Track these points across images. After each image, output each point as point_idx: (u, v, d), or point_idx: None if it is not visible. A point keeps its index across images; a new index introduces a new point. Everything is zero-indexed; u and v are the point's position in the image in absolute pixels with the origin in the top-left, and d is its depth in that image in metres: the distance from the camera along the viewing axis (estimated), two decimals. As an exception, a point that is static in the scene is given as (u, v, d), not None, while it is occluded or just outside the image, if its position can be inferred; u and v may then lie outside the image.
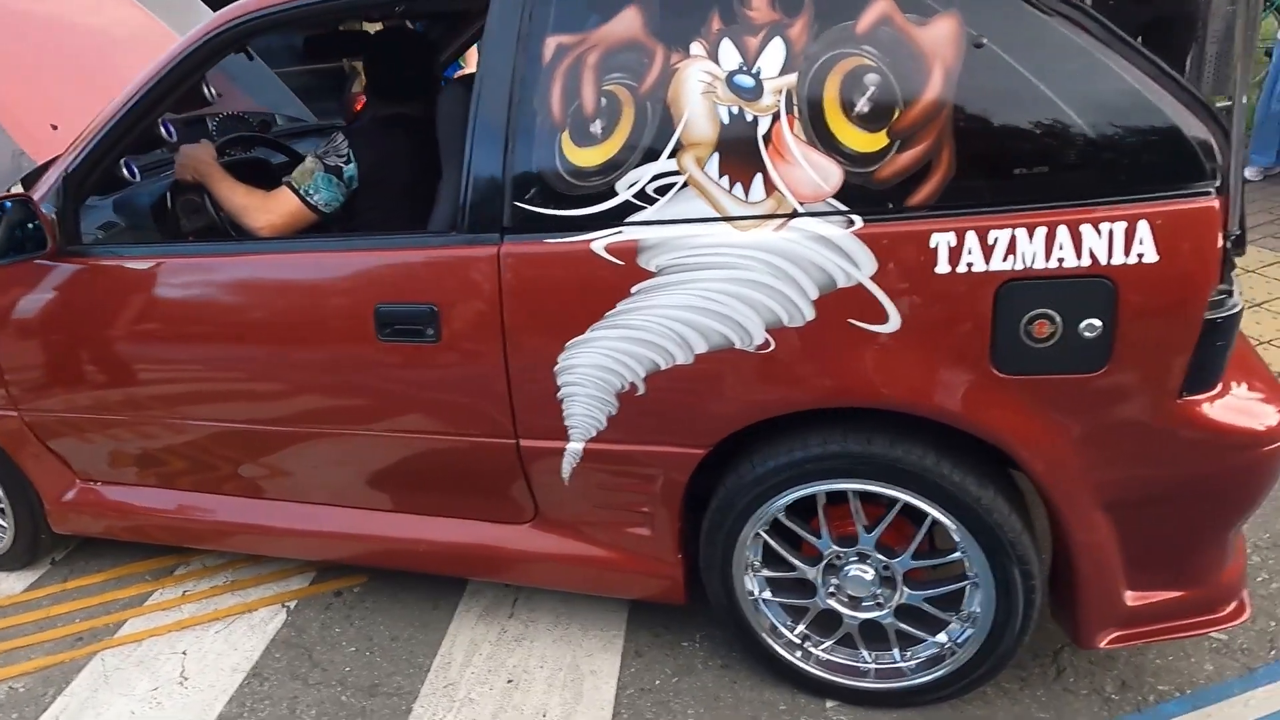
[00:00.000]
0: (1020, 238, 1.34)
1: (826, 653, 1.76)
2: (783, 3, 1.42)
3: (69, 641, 2.17)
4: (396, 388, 1.75)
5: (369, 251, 1.74)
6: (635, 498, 1.71)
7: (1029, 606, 1.56)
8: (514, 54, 1.56)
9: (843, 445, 1.53)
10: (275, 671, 2.00)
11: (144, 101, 1.85)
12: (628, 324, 1.54)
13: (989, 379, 1.40)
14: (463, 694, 1.88)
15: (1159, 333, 1.34)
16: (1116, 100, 1.31)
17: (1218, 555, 1.53)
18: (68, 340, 2.01)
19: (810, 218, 1.42)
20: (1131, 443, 1.42)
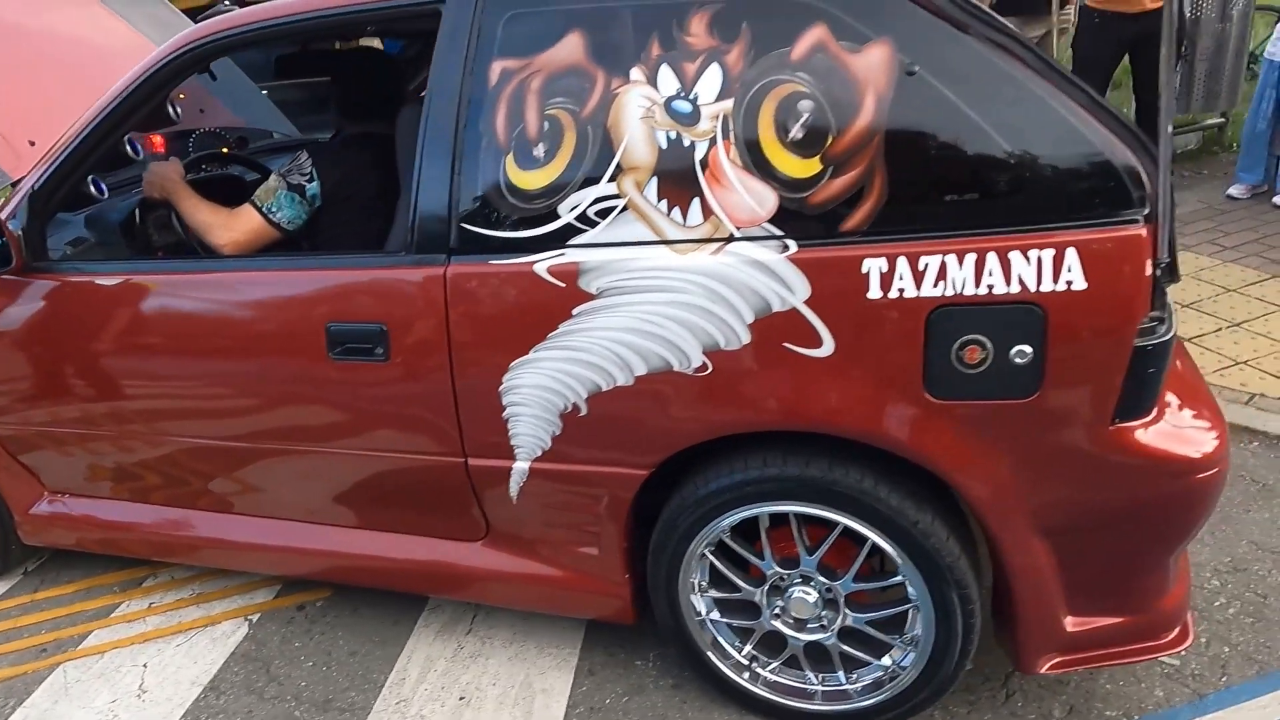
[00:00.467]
0: (950, 264, 1.35)
1: (774, 674, 1.76)
2: (720, 29, 1.44)
3: (34, 652, 2.19)
4: (348, 406, 1.77)
5: (321, 270, 1.76)
6: (582, 517, 1.71)
7: (968, 631, 1.55)
8: (461, 77, 1.59)
9: (781, 468, 1.54)
10: (232, 685, 2.01)
11: (107, 121, 1.88)
12: (569, 345, 1.55)
13: (922, 404, 1.40)
14: (414, 710, 1.89)
15: (1090, 359, 1.35)
16: (1046, 129, 1.32)
17: (1158, 581, 1.53)
18: (33, 355, 2.04)
19: (746, 242, 1.43)
20: (1066, 469, 1.42)
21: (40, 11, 2.78)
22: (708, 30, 1.45)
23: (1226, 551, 2.12)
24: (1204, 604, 1.96)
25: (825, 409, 1.45)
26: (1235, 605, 1.95)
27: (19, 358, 2.05)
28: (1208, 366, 2.90)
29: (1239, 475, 2.40)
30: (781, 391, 1.47)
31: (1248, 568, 2.06)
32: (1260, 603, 1.95)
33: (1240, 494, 2.32)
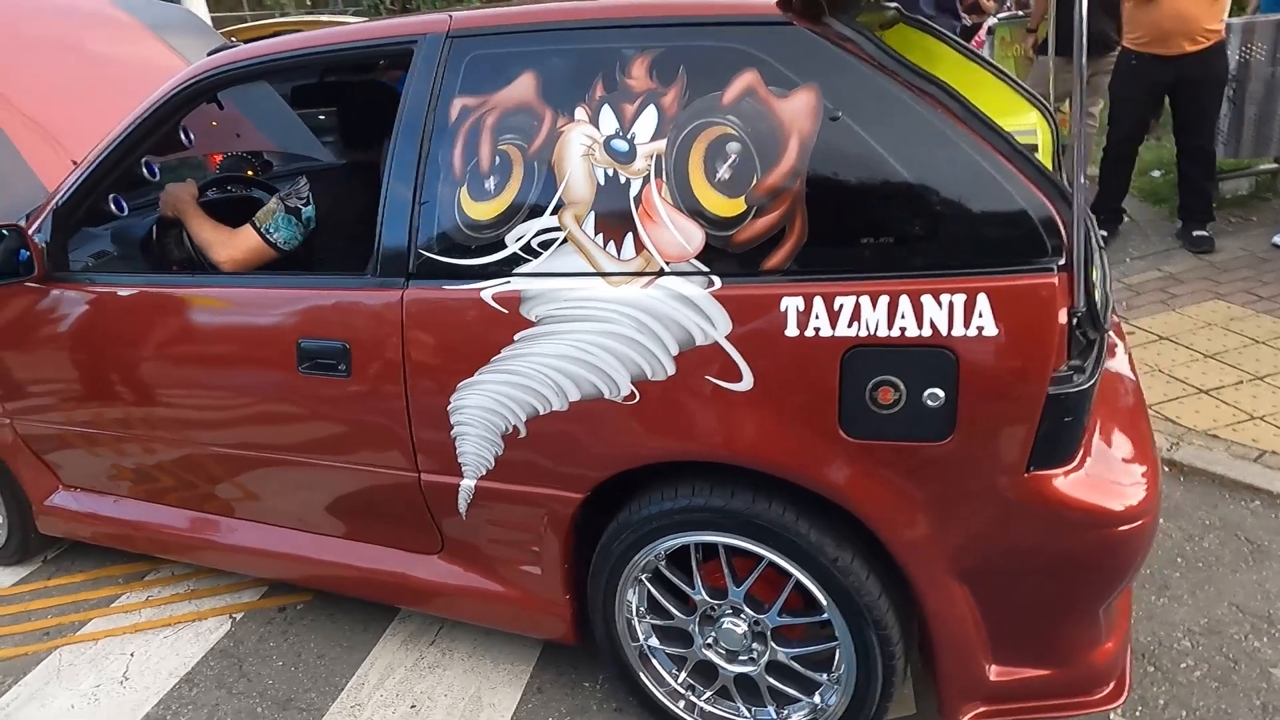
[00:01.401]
0: (865, 305, 1.37)
1: (709, 704, 1.77)
2: (659, 72, 1.50)
3: (37, 635, 2.34)
4: (315, 418, 1.87)
5: (297, 289, 1.86)
6: (525, 536, 1.77)
7: (889, 673, 1.55)
8: (425, 112, 1.68)
9: (708, 499, 1.56)
10: (206, 679, 2.12)
11: (122, 145, 2.04)
12: (510, 369, 1.62)
13: (837, 442, 1.42)
14: (367, 714, 1.96)
15: (1002, 405, 1.34)
16: (962, 176, 1.34)
17: (1087, 633, 1.50)
18: (50, 358, 2.21)
19: (675, 277, 1.48)
20: (982, 514, 1.41)
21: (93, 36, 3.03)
22: (647, 73, 1.51)
23: (1204, 612, 2.04)
24: (1169, 664, 1.90)
25: (744, 442, 1.48)
26: (1203, 669, 1.88)
27: (39, 360, 2.23)
28: (1220, 420, 2.80)
29: (1233, 534, 2.31)
30: (703, 423, 1.50)
31: (1223, 630, 1.98)
32: (1230, 668, 1.88)
33: (1231, 553, 2.24)
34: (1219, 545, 2.27)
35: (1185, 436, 2.75)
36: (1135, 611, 2.06)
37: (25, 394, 2.30)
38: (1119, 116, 4.23)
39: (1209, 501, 2.46)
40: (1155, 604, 2.08)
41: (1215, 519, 2.38)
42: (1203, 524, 2.37)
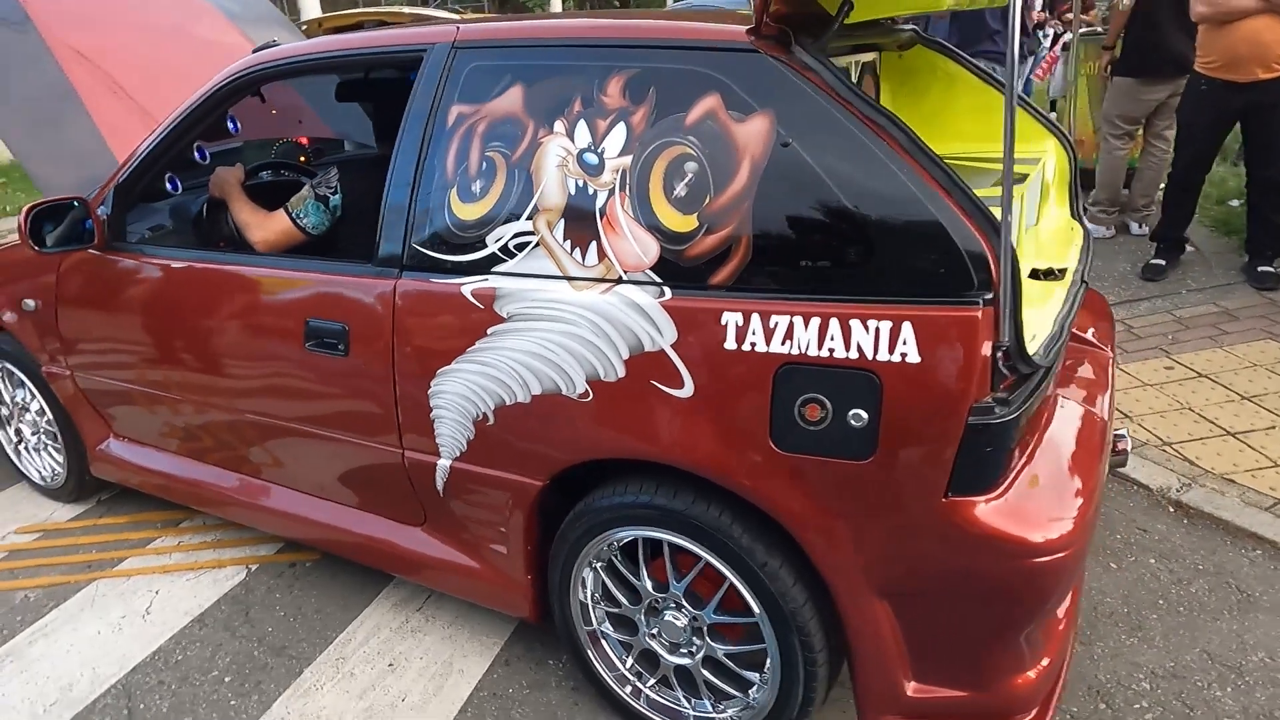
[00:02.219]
0: (797, 325, 1.43)
1: (653, 692, 1.86)
2: (631, 92, 1.59)
3: (80, 567, 2.60)
4: (317, 391, 2.03)
5: (311, 273, 2.03)
6: (493, 516, 1.89)
7: (810, 679, 1.61)
8: (427, 117, 1.82)
9: (652, 497, 1.65)
10: (215, 620, 2.32)
11: (175, 131, 2.25)
12: (483, 360, 1.74)
13: (768, 453, 1.49)
14: (348, 668, 2.12)
15: (922, 431, 1.39)
16: (898, 207, 1.38)
17: (1007, 660, 1.52)
18: (106, 319, 2.45)
19: (631, 285, 1.57)
20: (901, 534, 1.46)
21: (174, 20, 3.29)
22: (621, 92, 1.60)
23: (1173, 656, 2.01)
24: (1122, 704, 1.89)
25: (683, 446, 1.56)
26: (1155, 712, 1.87)
27: (96, 320, 2.47)
28: (1241, 464, 2.72)
29: (1225, 581, 2.26)
30: (647, 425, 1.59)
31: (1187, 676, 1.95)
32: (1184, 714, 1.86)
33: (1217, 601, 2.19)
34: (1207, 592, 2.23)
35: (1200, 479, 2.68)
36: (1100, 648, 2.05)
37: (85, 350, 2.55)
38: (1185, 143, 4.08)
39: (1208, 546, 2.40)
40: (1124, 643, 2.07)
41: (1210, 565, 2.33)
42: (1195, 569, 2.32)
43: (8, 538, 2.79)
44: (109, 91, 2.95)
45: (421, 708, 1.99)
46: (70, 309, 2.52)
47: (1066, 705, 1.90)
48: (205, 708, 2.02)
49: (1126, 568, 2.34)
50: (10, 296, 2.69)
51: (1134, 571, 2.32)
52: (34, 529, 2.83)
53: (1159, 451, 2.85)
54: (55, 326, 2.58)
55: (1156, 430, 2.97)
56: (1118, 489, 2.70)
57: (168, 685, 2.10)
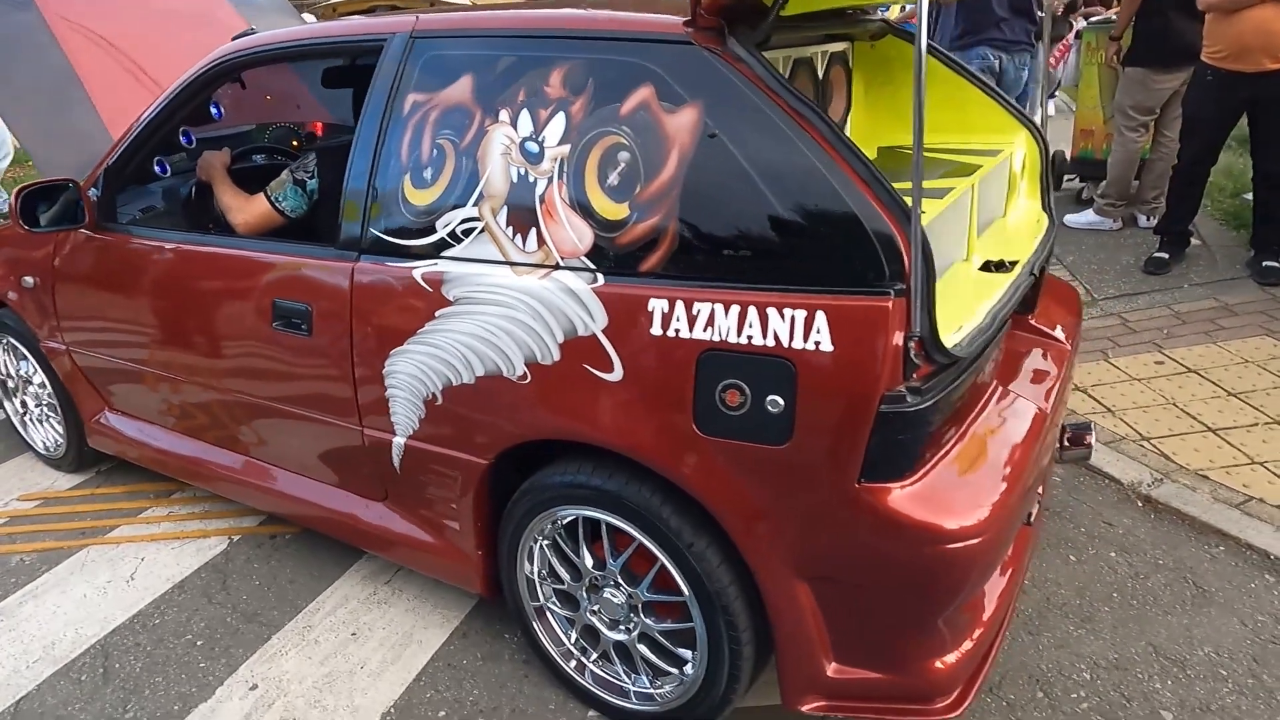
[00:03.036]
0: (718, 312, 1.47)
1: (596, 666, 1.92)
2: (571, 83, 1.63)
3: (75, 533, 2.72)
4: (283, 369, 2.11)
5: (280, 255, 2.10)
6: (445, 493, 1.95)
7: (735, 658, 1.65)
8: (385, 105, 1.87)
9: (589, 477, 1.70)
10: (194, 588, 2.42)
11: (159, 117, 2.33)
12: (431, 342, 1.80)
13: (691, 436, 1.53)
14: (313, 635, 2.21)
15: (835, 418, 1.42)
16: (817, 200, 1.41)
17: (924, 644, 1.56)
18: (96, 297, 2.55)
19: (567, 271, 1.62)
20: (816, 518, 1.49)
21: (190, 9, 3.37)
22: (562, 82, 1.64)
23: (1118, 648, 2.03)
24: (1059, 694, 1.91)
25: (613, 429, 1.61)
26: (1092, 702, 1.88)
27: (88, 298, 2.58)
28: (1218, 461, 2.70)
29: (1183, 576, 2.26)
30: (580, 407, 1.64)
31: (1129, 669, 1.97)
32: (1121, 705, 1.87)
33: (1172, 596, 2.19)
34: (1163, 586, 2.23)
35: (1173, 474, 2.67)
36: (1047, 638, 2.07)
37: (78, 326, 2.66)
38: (1190, 135, 4.01)
39: (1171, 542, 2.40)
40: (1071, 634, 2.08)
41: (1171, 560, 2.32)
42: (1155, 563, 2.32)
43: (10, 504, 2.92)
44: (111, 75, 3.04)
45: (379, 675, 2.06)
46: (64, 287, 2.63)
47: (1004, 692, 1.92)
48: (176, 669, 2.12)
49: (1086, 560, 2.35)
50: (12, 274, 2.81)
51: (1093, 564, 2.33)
52: (35, 496, 2.96)
53: (1136, 446, 2.84)
54: (52, 303, 2.69)
55: (1137, 425, 2.96)
56: (1089, 483, 2.70)
57: (143, 647, 2.20)
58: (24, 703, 2.04)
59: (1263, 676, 1.92)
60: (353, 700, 1.99)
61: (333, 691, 2.02)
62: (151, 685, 2.07)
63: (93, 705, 2.02)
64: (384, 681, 2.04)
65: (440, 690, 2.01)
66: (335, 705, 1.98)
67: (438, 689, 2.02)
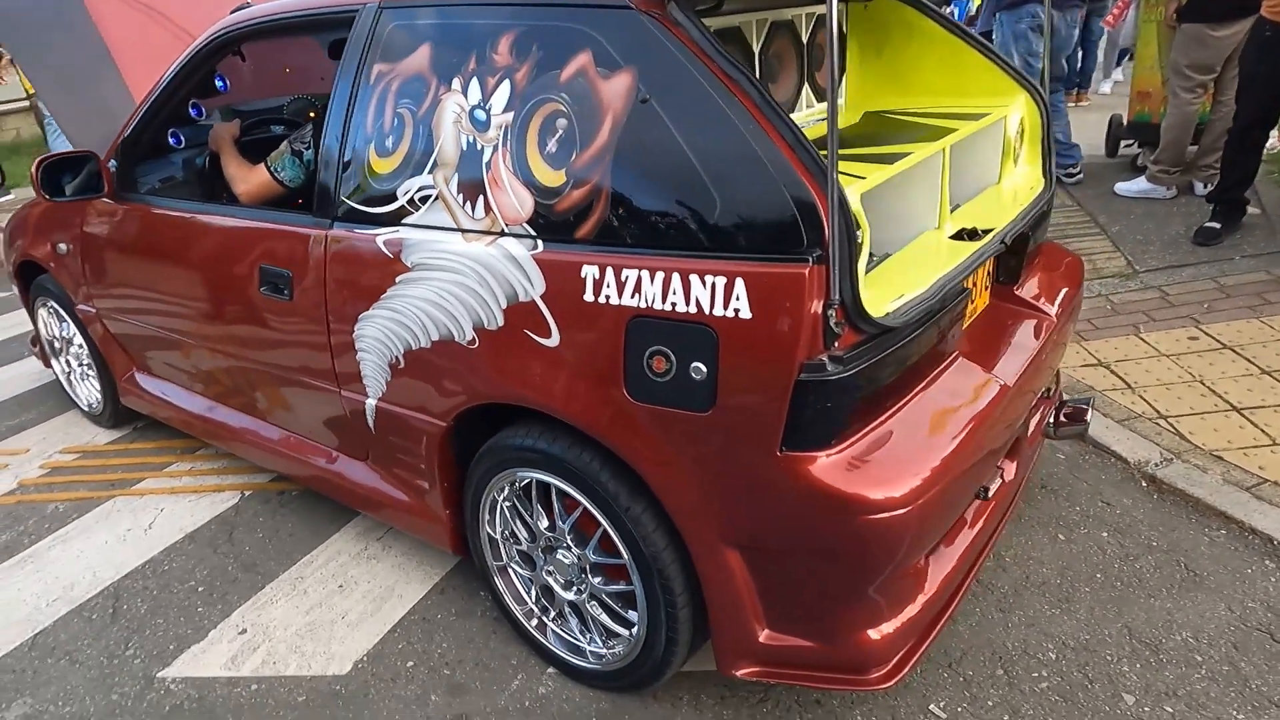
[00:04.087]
0: (645, 279, 1.47)
1: (555, 625, 1.97)
2: (517, 50, 1.64)
3: (105, 485, 2.91)
4: (269, 333, 2.21)
5: (266, 223, 2.18)
6: (414, 454, 2.02)
7: (671, 621, 1.67)
8: (355, 75, 1.92)
9: (535, 440, 1.74)
10: (202, 538, 2.57)
11: (166, 90, 2.44)
12: (393, 307, 1.85)
13: (622, 402, 1.54)
14: (303, 586, 2.32)
15: (755, 385, 1.41)
16: (740, 165, 1.39)
17: (855, 614, 1.55)
18: (118, 263, 2.70)
19: (510, 238, 1.64)
20: (742, 485, 1.49)
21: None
22: (509, 50, 1.65)
23: (1091, 629, 1.97)
24: (1021, 672, 1.87)
25: (551, 393, 1.64)
26: (1053, 681, 1.84)
27: (108, 263, 2.73)
28: (1236, 441, 2.57)
29: (1176, 559, 2.17)
30: (521, 372, 1.67)
31: (1098, 650, 1.91)
32: (1081, 687, 1.83)
33: (1160, 579, 2.11)
34: (1152, 569, 2.15)
35: (1185, 454, 2.55)
36: (1018, 616, 2.03)
37: (103, 290, 2.82)
38: (1246, 95, 3.76)
39: (1170, 524, 2.30)
40: (1045, 613, 2.03)
41: (1165, 542, 2.24)
42: (1148, 545, 2.23)
43: (53, 456, 3.14)
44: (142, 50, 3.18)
45: (357, 625, 2.16)
46: (90, 253, 2.78)
47: (963, 668, 1.90)
48: (176, 612, 2.26)
49: (1075, 540, 2.28)
50: (49, 241, 2.99)
51: (1081, 544, 2.26)
52: (76, 450, 3.17)
53: (1150, 424, 2.72)
54: (81, 269, 2.85)
55: (1156, 402, 2.83)
56: (1093, 461, 2.61)
57: (150, 590, 2.36)
58: (40, 637, 2.21)
59: (1240, 664, 1.84)
60: (330, 648, 2.10)
61: (313, 638, 2.13)
62: (152, 626, 2.22)
63: (99, 642, 2.18)
64: (361, 631, 2.14)
65: (412, 642, 2.10)
66: (314, 651, 2.09)
67: (410, 641, 2.10)
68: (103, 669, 2.08)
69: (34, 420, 3.44)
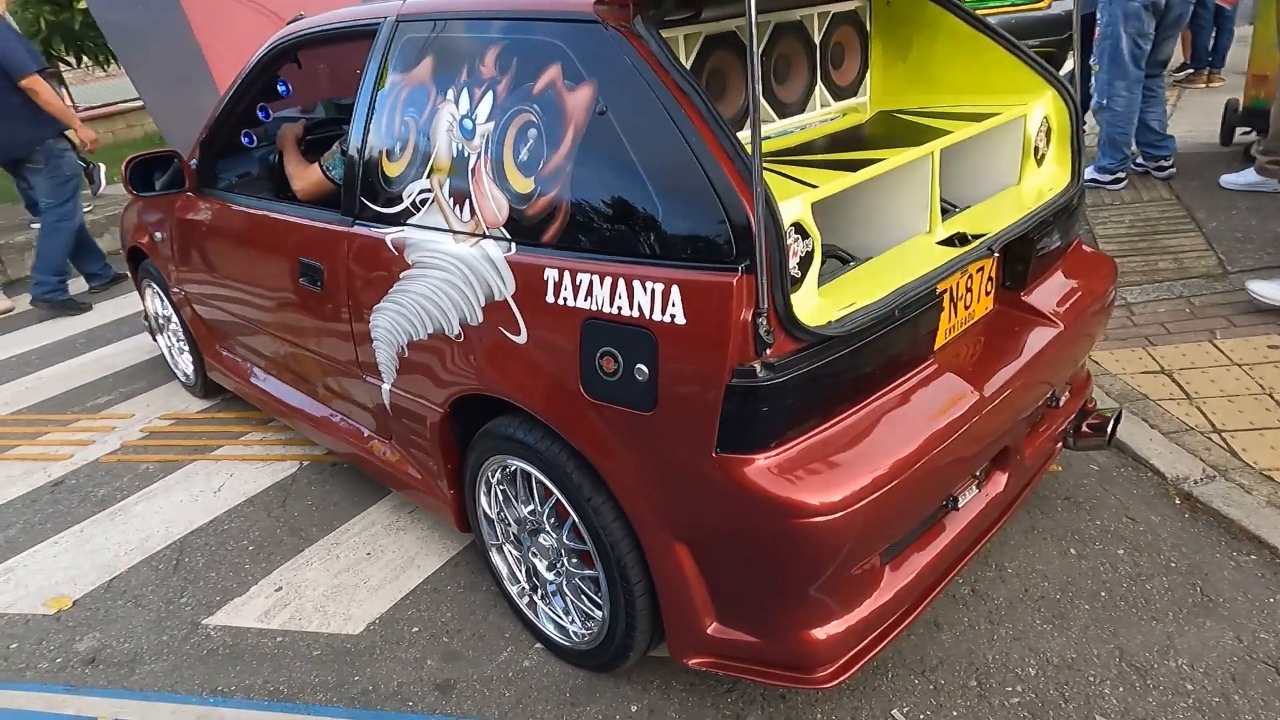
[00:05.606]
0: (596, 283, 1.55)
1: (543, 603, 2.08)
2: (500, 62, 1.74)
3: (189, 449, 3.25)
4: (308, 321, 2.41)
5: (305, 220, 2.38)
6: (421, 437, 2.17)
7: (630, 608, 1.75)
8: (373, 83, 2.07)
9: (514, 430, 1.85)
10: (261, 502, 2.84)
11: (235, 95, 2.69)
12: (398, 301, 2.01)
13: (580, 399, 1.63)
14: (337, 551, 2.54)
15: (691, 388, 1.47)
16: (680, 175, 1.45)
17: (797, 613, 1.58)
18: (194, 249, 3.00)
19: (489, 240, 1.76)
20: (683, 484, 1.55)
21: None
22: (494, 62, 1.76)
23: (1080, 648, 1.91)
24: (994, 685, 1.84)
25: (521, 388, 1.74)
26: (1025, 698, 1.81)
27: (189, 250, 3.03)
28: (1261, 462, 2.39)
29: (1193, 582, 2.07)
30: (498, 367, 1.78)
31: (1083, 670, 1.86)
32: (1054, 705, 1.78)
33: (1169, 601, 2.02)
34: (1164, 591, 2.05)
35: (1232, 472, 2.40)
36: (1007, 629, 1.99)
37: (189, 278, 3.13)
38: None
39: (1196, 545, 2.18)
40: (1035, 627, 1.98)
41: (1185, 564, 2.13)
42: (1166, 566, 2.13)
43: (152, 421, 3.52)
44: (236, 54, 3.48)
45: (376, 590, 2.35)
46: (177, 242, 3.10)
47: (936, 676, 1.88)
48: (227, 568, 2.53)
49: (1087, 555, 2.20)
50: (149, 231, 3.34)
51: (1094, 560, 2.18)
52: (171, 416, 3.54)
53: (1200, 439, 2.56)
54: (172, 255, 3.18)
55: (1214, 415, 2.66)
56: (1129, 474, 2.49)
57: (209, 546, 2.64)
58: (115, 581, 2.52)
59: (1233, 696, 1.75)
60: (349, 609, 2.29)
61: (337, 600, 2.34)
62: (206, 578, 2.49)
63: (160, 590, 2.46)
64: (379, 596, 2.33)
65: (421, 610, 2.27)
66: (334, 611, 2.29)
67: (419, 608, 2.27)
68: (159, 613, 2.36)
69: (142, 389, 3.85)
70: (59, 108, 4.64)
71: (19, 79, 4.42)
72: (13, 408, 3.84)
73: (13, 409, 3.83)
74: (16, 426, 3.64)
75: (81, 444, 3.39)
